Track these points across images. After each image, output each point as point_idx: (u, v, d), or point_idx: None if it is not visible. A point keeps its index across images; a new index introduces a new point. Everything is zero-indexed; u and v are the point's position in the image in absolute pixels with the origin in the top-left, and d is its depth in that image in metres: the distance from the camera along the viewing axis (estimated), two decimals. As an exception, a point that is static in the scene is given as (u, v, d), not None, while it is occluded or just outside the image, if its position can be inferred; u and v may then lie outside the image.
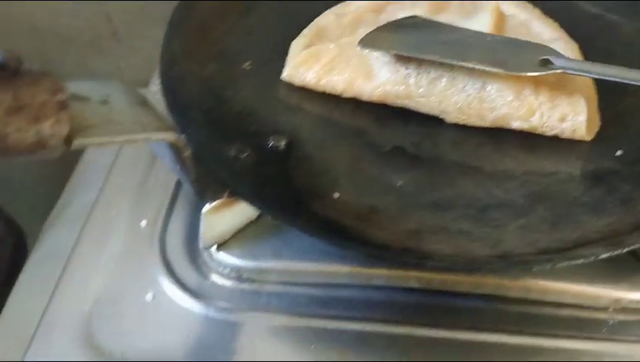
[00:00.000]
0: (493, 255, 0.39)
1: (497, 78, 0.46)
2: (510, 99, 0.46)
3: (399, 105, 0.49)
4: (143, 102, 0.38)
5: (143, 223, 0.49)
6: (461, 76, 0.47)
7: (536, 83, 0.46)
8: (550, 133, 0.46)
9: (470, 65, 0.45)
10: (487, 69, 0.45)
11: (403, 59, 0.48)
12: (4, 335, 0.47)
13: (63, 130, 0.32)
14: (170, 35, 0.52)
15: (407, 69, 0.48)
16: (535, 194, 0.43)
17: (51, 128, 0.32)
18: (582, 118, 0.45)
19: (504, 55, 0.46)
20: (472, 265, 0.39)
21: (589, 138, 0.46)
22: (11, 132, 0.31)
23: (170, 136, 0.36)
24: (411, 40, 0.49)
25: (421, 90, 0.47)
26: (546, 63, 0.45)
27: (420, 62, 0.48)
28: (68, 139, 0.33)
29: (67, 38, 0.87)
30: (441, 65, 0.47)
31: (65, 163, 0.67)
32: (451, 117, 0.48)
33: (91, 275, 0.47)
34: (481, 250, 0.39)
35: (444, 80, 0.47)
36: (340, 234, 0.40)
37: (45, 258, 0.56)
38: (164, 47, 0.51)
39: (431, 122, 0.49)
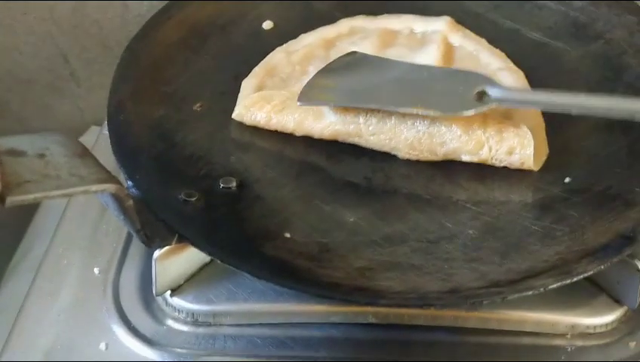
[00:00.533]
0: (444, 290, 0.39)
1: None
2: (459, 133, 0.46)
3: (351, 143, 0.49)
4: (83, 153, 0.37)
5: (96, 271, 0.49)
6: (409, 114, 0.47)
7: (484, 115, 0.47)
8: (499, 165, 0.47)
9: (407, 110, 0.46)
10: (425, 113, 0.46)
11: None
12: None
13: (-4, 187, 0.31)
14: (118, 78, 0.52)
15: (355, 109, 0.48)
16: (486, 225, 0.44)
17: (-17, 187, 0.31)
18: (529, 151, 0.46)
19: (442, 92, 0.47)
20: (423, 301, 0.38)
21: (536, 169, 0.46)
22: (-60, 193, 0.30)
23: (109, 188, 0.36)
24: (351, 84, 0.50)
25: (371, 127, 0.48)
26: (482, 96, 0.46)
27: None
28: (1, 197, 0.32)
29: (25, 80, 0.86)
30: None
31: (27, 208, 0.66)
32: (403, 153, 0.48)
33: (43, 327, 0.46)
34: (432, 285, 0.39)
35: (393, 118, 0.47)
36: (290, 275, 0.40)
37: (1, 309, 0.55)
38: (111, 91, 0.51)
39: (384, 156, 0.49)
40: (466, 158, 0.47)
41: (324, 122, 0.49)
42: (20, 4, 0.77)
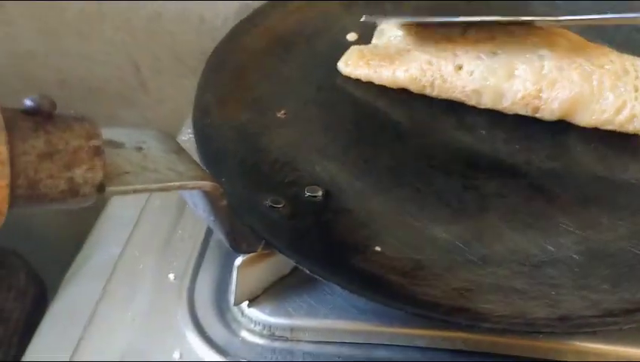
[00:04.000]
0: (553, 316, 0.36)
1: None
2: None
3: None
4: (179, 150, 0.36)
5: (171, 277, 0.47)
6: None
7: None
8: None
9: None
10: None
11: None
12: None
13: (97, 177, 0.30)
14: (204, 83, 0.51)
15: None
16: (592, 250, 0.41)
17: (84, 175, 0.30)
18: None
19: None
20: (531, 328, 0.36)
21: None
22: (43, 178, 0.29)
23: (206, 185, 0.34)
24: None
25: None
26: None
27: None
28: (101, 187, 0.31)
29: (96, 88, 0.87)
30: None
31: (86, 215, 0.65)
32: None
33: (116, 332, 0.44)
34: (539, 311, 0.36)
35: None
36: (383, 290, 0.38)
37: (66, 312, 0.54)
38: (197, 95, 0.50)
39: (474, 173, 0.46)
40: (593, 118, 0.46)
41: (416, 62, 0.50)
42: (97, 12, 0.79)
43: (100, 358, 0.43)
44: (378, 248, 0.41)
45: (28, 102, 0.29)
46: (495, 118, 0.50)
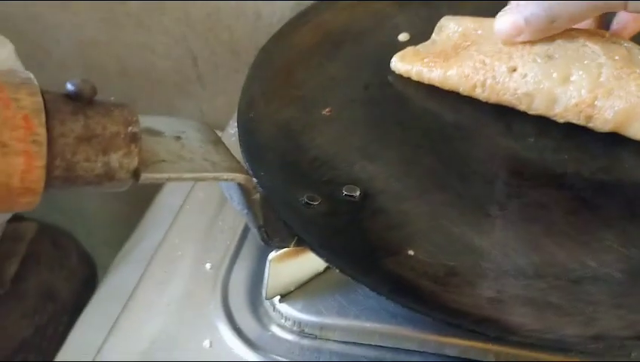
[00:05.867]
0: (586, 335, 0.34)
1: None
2: None
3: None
4: (217, 141, 0.37)
5: (207, 266, 0.48)
6: None
7: None
8: None
9: None
10: None
11: None
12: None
13: (132, 162, 0.31)
14: (251, 76, 0.52)
15: None
16: (635, 270, 0.39)
17: (120, 160, 0.31)
18: None
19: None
20: (561, 344, 0.34)
21: None
22: (79, 161, 0.30)
23: (239, 177, 0.35)
24: None
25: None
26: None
27: None
28: (136, 173, 0.31)
29: (155, 79, 0.89)
30: None
31: (140, 201, 0.67)
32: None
33: (151, 315, 0.45)
34: (572, 328, 0.35)
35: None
36: (413, 295, 0.37)
37: (110, 294, 0.56)
38: (244, 88, 0.50)
39: (518, 181, 0.45)
40: None
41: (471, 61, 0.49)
42: (158, 4, 0.80)
43: (132, 341, 0.44)
44: (411, 252, 0.40)
45: (69, 86, 0.30)
46: (544, 126, 0.49)
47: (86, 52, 0.87)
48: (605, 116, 0.46)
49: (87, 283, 0.84)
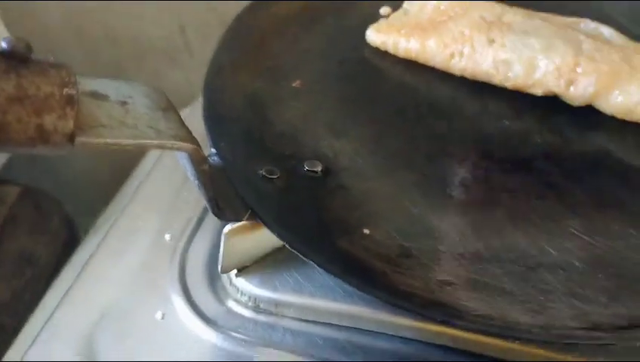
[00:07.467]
0: (535, 324, 0.33)
1: None
2: None
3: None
4: (167, 108, 0.36)
5: (167, 237, 0.47)
6: None
7: None
8: None
9: None
10: None
11: None
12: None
13: (67, 126, 0.30)
14: (222, 45, 0.50)
15: None
16: (596, 258, 0.37)
17: (55, 123, 0.30)
18: None
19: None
20: (508, 331, 0.33)
21: None
22: (11, 122, 0.29)
23: (185, 147, 0.34)
24: None
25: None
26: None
27: None
28: (71, 137, 0.30)
29: (144, 47, 0.88)
30: None
31: (127, 166, 0.66)
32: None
33: (104, 285, 0.45)
34: (521, 315, 0.34)
35: None
36: (362, 275, 0.36)
37: (78, 262, 0.55)
38: (213, 57, 0.49)
39: (487, 163, 0.44)
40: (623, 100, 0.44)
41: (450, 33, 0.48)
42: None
43: (83, 311, 0.43)
44: (367, 231, 0.39)
45: (2, 44, 0.29)
46: (520, 107, 0.47)
47: (75, 19, 0.86)
48: (588, 79, 0.45)
49: (67, 247, 0.83)
